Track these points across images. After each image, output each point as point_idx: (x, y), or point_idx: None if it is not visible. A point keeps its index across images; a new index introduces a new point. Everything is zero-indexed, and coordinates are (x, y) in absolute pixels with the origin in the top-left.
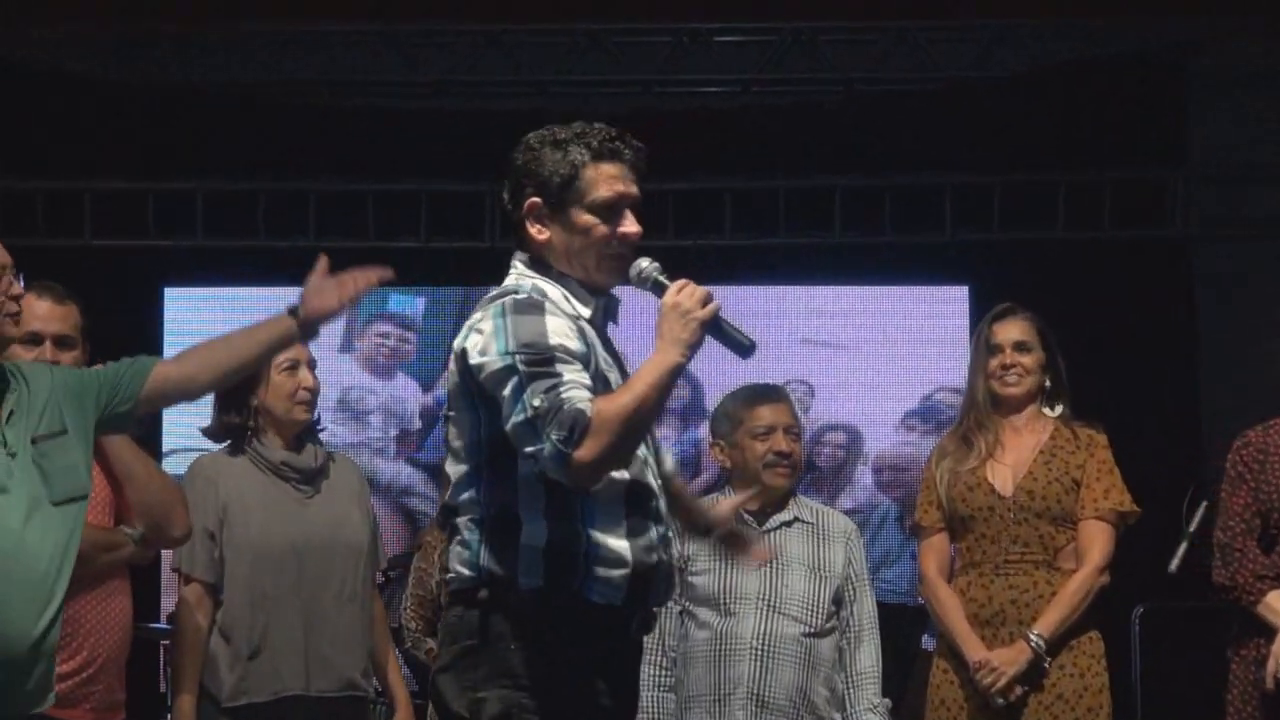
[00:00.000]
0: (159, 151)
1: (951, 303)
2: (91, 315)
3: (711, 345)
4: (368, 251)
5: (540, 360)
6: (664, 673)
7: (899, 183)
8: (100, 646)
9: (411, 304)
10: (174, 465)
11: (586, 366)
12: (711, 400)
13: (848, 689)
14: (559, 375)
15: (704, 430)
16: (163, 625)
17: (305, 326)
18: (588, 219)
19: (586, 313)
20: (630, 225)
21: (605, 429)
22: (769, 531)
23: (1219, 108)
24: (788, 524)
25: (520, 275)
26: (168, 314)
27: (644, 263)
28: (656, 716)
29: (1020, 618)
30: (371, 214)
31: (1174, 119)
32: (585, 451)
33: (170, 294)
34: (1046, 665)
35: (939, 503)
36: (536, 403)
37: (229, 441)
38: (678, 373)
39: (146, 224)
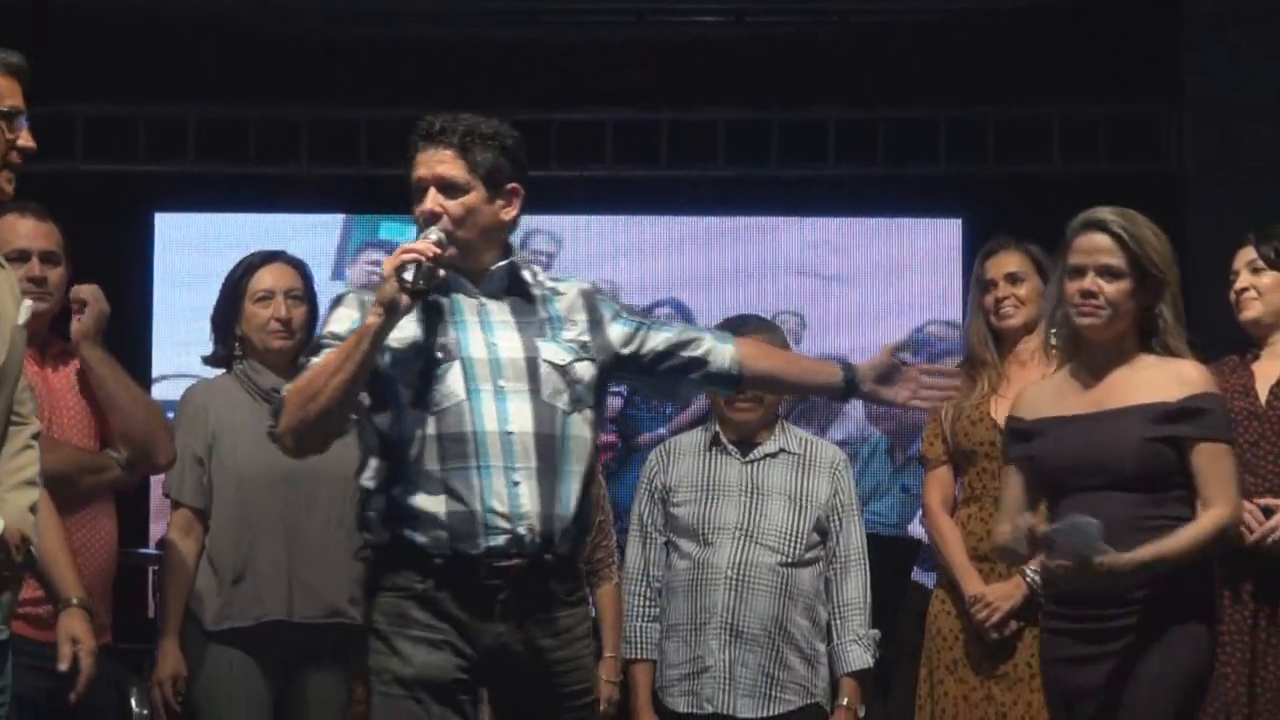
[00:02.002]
0: (151, 77)
1: (945, 235)
2: (82, 240)
3: (705, 277)
4: (359, 179)
5: (307, 353)
6: (648, 603)
7: (893, 115)
8: (85, 569)
9: (403, 232)
10: (163, 391)
11: None
12: None
13: (833, 620)
14: (308, 364)
15: None
16: (151, 551)
17: None
18: (415, 207)
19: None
20: (425, 203)
21: (289, 403)
22: (752, 462)
23: (1216, 44)
24: (772, 455)
25: None
26: (158, 239)
27: (428, 231)
28: (640, 646)
29: None
30: (364, 141)
31: (1171, 55)
32: (279, 427)
33: (161, 219)
34: (1043, 600)
35: (944, 436)
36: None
37: (224, 369)
38: (370, 334)
39: (137, 149)
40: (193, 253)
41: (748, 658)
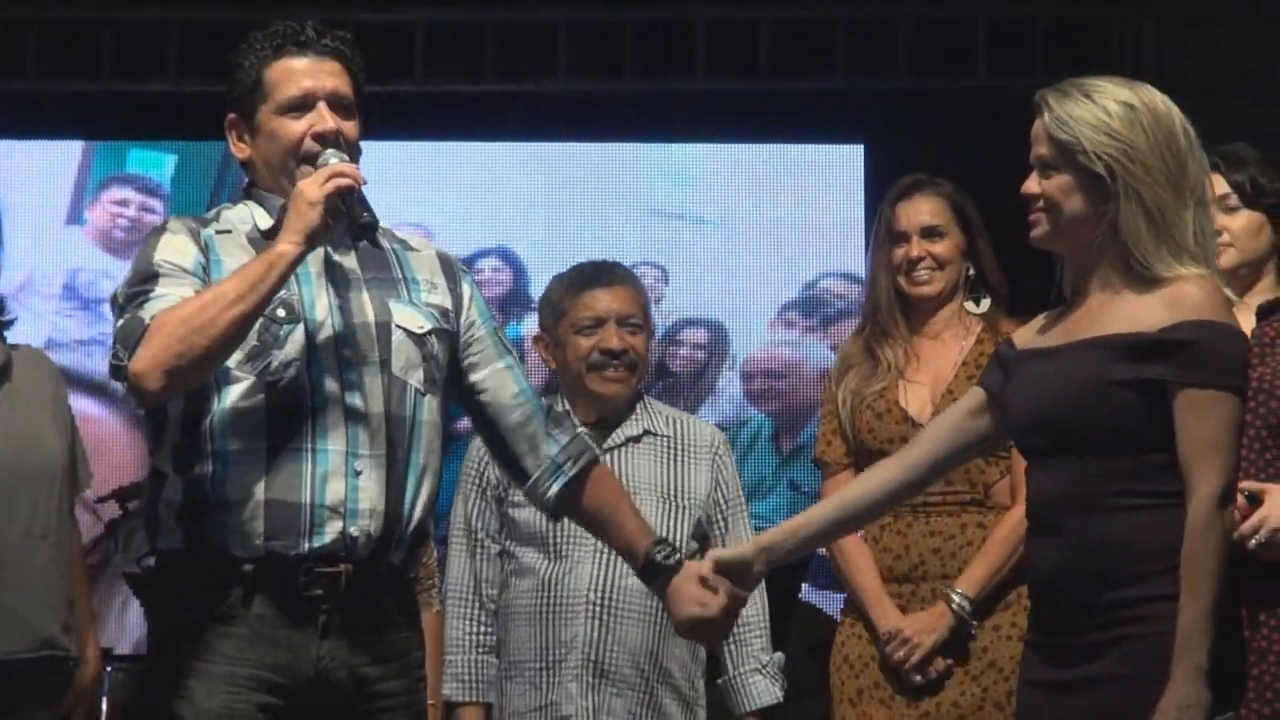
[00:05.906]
0: None
1: (842, 165)
2: None
3: (542, 221)
4: (106, 96)
5: (137, 282)
6: (483, 629)
7: (778, 14)
8: None
9: (158, 162)
10: None
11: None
12: (539, 286)
13: (727, 644)
14: (148, 292)
15: (530, 324)
16: None
17: None
18: (275, 122)
19: (267, 223)
20: (326, 121)
21: (159, 333)
22: (613, 449)
23: None
24: (635, 439)
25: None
26: None
27: (328, 154)
28: (472, 685)
29: (944, 571)
30: (107, 48)
31: None
32: (137, 361)
33: None
34: (974, 630)
35: (843, 432)
36: (119, 324)
37: None
38: (281, 263)
39: None
40: None
41: (615, 704)
